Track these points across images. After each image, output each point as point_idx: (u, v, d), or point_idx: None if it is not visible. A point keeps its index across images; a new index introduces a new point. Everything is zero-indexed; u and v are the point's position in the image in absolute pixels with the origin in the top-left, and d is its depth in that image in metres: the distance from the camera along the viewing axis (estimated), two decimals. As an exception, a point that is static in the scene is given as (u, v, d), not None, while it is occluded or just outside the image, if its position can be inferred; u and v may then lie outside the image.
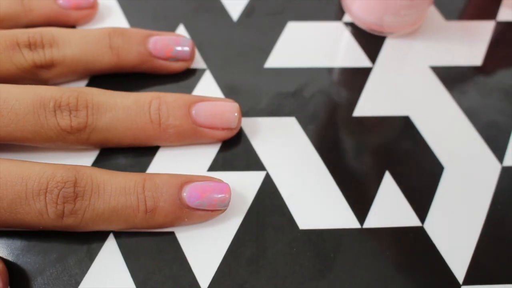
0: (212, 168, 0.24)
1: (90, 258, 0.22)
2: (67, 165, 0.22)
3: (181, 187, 0.22)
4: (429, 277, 0.22)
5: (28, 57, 0.24)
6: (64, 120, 0.22)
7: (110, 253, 0.22)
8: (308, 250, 0.22)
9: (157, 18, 0.29)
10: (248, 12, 0.30)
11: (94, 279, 0.21)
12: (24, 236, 0.22)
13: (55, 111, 0.22)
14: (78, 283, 0.21)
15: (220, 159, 0.25)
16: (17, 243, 0.22)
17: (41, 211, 0.21)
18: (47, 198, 0.21)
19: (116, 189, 0.21)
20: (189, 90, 0.27)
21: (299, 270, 0.22)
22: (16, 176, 0.21)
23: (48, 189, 0.21)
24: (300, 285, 0.22)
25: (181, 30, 0.29)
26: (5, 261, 0.22)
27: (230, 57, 0.28)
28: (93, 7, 0.28)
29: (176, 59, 0.27)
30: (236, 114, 0.24)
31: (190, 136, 0.24)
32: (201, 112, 0.24)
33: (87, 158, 0.24)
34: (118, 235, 0.23)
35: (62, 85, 0.26)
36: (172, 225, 0.22)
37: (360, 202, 0.24)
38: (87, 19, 0.28)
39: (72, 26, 0.29)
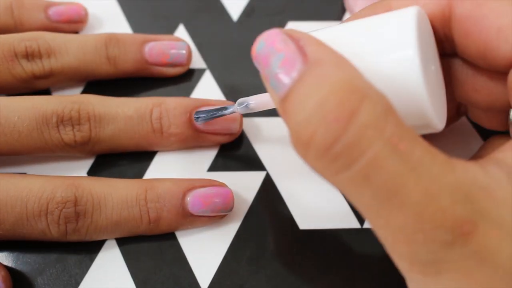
0: (212, 168, 0.24)
1: (90, 258, 0.22)
2: (66, 179, 0.21)
3: (183, 195, 0.22)
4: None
5: (27, 69, 0.24)
6: (68, 136, 0.22)
7: (110, 253, 0.22)
8: (308, 250, 0.22)
9: (157, 18, 0.29)
10: (248, 12, 0.30)
11: (94, 279, 0.22)
12: (24, 236, 0.22)
13: (58, 126, 0.22)
14: (78, 283, 0.21)
15: (220, 159, 0.25)
16: (17, 243, 0.22)
17: (44, 231, 0.21)
18: (48, 219, 0.21)
19: (117, 203, 0.21)
20: (189, 90, 0.27)
21: (299, 270, 0.22)
22: (15, 197, 0.20)
23: (49, 210, 0.21)
24: (300, 285, 0.22)
25: (181, 30, 0.29)
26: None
27: (230, 57, 0.28)
28: (83, 21, 0.28)
29: (173, 65, 0.27)
30: (237, 120, 0.24)
31: (191, 141, 0.24)
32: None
33: (85, 161, 0.24)
34: (118, 235, 0.23)
35: (60, 91, 0.26)
36: (175, 230, 0.23)
37: (360, 202, 0.24)
38: (77, 31, 0.28)
39: None
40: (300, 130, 0.15)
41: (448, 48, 0.19)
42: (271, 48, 0.16)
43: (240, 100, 0.22)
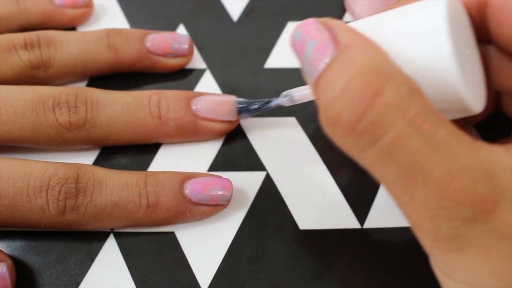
0: (212, 168, 0.24)
1: (90, 258, 0.22)
2: (69, 163, 0.22)
3: (183, 182, 0.22)
4: (429, 277, 0.22)
5: (24, 57, 0.24)
6: (63, 117, 0.22)
7: (110, 253, 0.22)
8: (308, 250, 0.22)
9: (157, 18, 0.29)
10: (248, 12, 0.30)
11: (94, 279, 0.22)
12: (24, 236, 0.22)
13: (53, 108, 0.22)
14: (78, 283, 0.21)
15: (220, 159, 0.25)
16: (17, 243, 0.22)
17: (43, 208, 0.21)
18: (48, 194, 0.21)
19: (117, 184, 0.22)
20: (189, 90, 0.27)
21: (299, 270, 0.22)
22: (18, 173, 0.21)
23: (50, 185, 0.21)
24: (300, 285, 0.22)
25: (181, 30, 0.29)
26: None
27: (230, 57, 0.28)
28: (88, 5, 0.28)
29: (175, 55, 0.27)
30: (235, 105, 0.24)
31: (190, 129, 0.24)
32: (200, 104, 0.24)
33: (87, 158, 0.24)
34: (118, 235, 0.23)
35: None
36: (174, 220, 0.22)
37: (360, 202, 0.24)
38: (83, 18, 0.28)
39: (69, 26, 0.28)
40: (328, 110, 0.16)
41: (484, 35, 0.20)
42: (306, 35, 0.17)
43: (284, 92, 0.23)
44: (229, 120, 0.24)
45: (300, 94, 0.22)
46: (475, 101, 0.18)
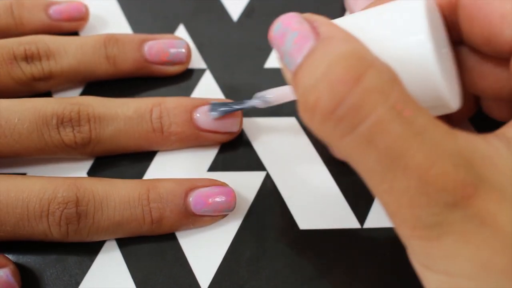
0: (212, 168, 0.24)
1: (90, 258, 0.22)
2: (67, 179, 0.21)
3: (186, 195, 0.22)
4: (429, 277, 0.22)
5: (27, 71, 0.24)
6: (68, 137, 0.22)
7: (110, 253, 0.22)
8: (308, 250, 0.22)
9: (157, 18, 0.29)
10: (248, 12, 0.30)
11: (94, 279, 0.22)
12: (24, 236, 0.22)
13: (58, 128, 0.22)
14: (78, 283, 0.21)
15: (220, 160, 0.25)
16: (17, 243, 0.22)
17: (45, 232, 0.21)
18: (49, 220, 0.20)
19: (120, 203, 0.21)
20: (189, 90, 0.27)
21: (299, 270, 0.22)
22: (16, 198, 0.20)
23: (50, 211, 0.20)
24: (300, 285, 0.22)
25: (181, 30, 0.29)
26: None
27: (230, 57, 0.28)
28: (84, 18, 0.28)
29: (173, 63, 0.27)
30: (238, 118, 0.24)
31: (192, 140, 0.24)
32: (203, 117, 0.24)
33: (85, 161, 0.24)
34: (118, 235, 0.23)
35: (60, 93, 0.26)
36: (177, 230, 0.23)
37: (360, 202, 0.24)
38: (78, 29, 0.28)
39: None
40: (307, 96, 0.15)
41: (455, 35, 0.20)
42: (286, 27, 0.17)
43: (258, 94, 0.22)
44: (231, 132, 0.24)
45: (274, 95, 0.22)
46: (453, 97, 0.18)
